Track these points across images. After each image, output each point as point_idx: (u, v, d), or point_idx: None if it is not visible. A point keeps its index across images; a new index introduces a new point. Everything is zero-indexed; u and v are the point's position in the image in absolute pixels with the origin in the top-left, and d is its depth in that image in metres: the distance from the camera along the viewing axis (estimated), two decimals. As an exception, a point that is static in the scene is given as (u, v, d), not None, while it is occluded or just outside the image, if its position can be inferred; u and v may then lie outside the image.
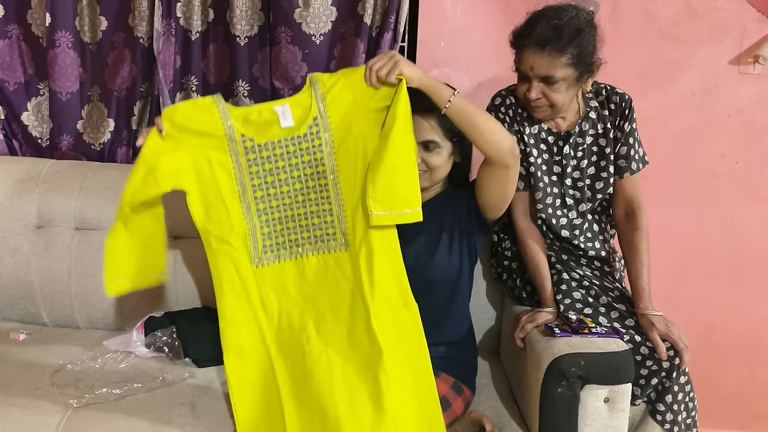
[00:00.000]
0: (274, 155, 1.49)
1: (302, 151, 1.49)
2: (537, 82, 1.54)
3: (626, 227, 1.68)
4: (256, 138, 1.48)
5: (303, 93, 1.50)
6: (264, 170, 1.50)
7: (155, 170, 1.46)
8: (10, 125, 2.12)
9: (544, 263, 1.63)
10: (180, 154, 1.47)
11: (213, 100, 1.49)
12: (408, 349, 1.42)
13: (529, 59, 1.53)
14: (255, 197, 1.50)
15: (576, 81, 1.56)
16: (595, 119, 1.66)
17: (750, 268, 2.20)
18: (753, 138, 2.12)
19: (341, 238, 1.49)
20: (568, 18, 1.51)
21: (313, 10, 1.97)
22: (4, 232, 1.88)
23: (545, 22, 1.50)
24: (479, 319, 1.81)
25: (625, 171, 1.66)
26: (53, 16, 2.00)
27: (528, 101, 1.58)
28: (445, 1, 2.07)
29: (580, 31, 1.51)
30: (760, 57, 2.05)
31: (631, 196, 1.68)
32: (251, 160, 1.49)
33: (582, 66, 1.54)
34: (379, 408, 1.32)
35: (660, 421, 1.58)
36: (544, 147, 1.67)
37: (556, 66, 1.51)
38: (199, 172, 1.49)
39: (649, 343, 1.52)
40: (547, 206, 1.67)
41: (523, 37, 1.54)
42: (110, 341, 1.73)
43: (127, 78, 2.08)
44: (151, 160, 1.47)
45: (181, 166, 1.47)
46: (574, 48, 1.50)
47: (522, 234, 1.66)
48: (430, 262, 1.57)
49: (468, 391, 1.58)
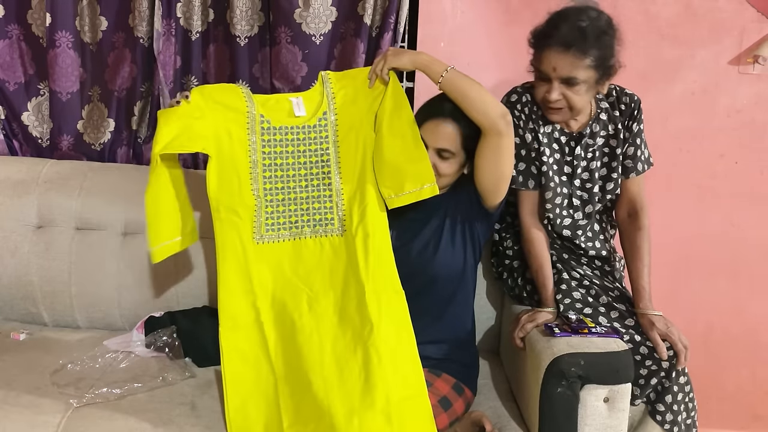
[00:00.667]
0: (286, 139, 1.61)
1: (310, 140, 1.62)
2: (558, 83, 1.54)
3: (629, 227, 1.68)
4: (273, 121, 1.61)
5: (315, 89, 1.67)
6: (275, 152, 1.60)
7: (188, 129, 1.53)
8: (10, 125, 2.12)
9: (547, 263, 1.63)
10: (206, 122, 1.56)
11: (238, 85, 1.64)
12: (396, 329, 1.47)
13: (552, 59, 1.52)
14: (264, 176, 1.58)
15: (595, 83, 1.55)
16: (606, 120, 1.66)
17: (749, 267, 2.20)
18: (752, 138, 2.12)
19: (338, 223, 1.58)
20: (592, 20, 1.50)
21: (313, 10, 1.97)
22: (4, 232, 1.88)
23: (570, 23, 1.50)
24: (479, 319, 1.81)
25: (631, 171, 1.67)
26: (53, 16, 2.00)
27: (547, 102, 1.57)
28: (445, 1, 2.07)
29: (603, 34, 1.51)
30: (760, 57, 2.05)
31: (635, 196, 1.69)
32: (265, 141, 1.60)
33: (603, 68, 1.53)
34: (368, 380, 1.36)
35: (660, 422, 1.58)
36: (557, 147, 1.67)
37: (578, 67, 1.51)
38: (219, 142, 1.57)
39: (648, 342, 1.53)
40: (555, 206, 1.67)
41: (546, 37, 1.53)
42: (110, 341, 1.73)
43: (127, 78, 2.08)
44: (184, 119, 1.53)
45: (206, 132, 1.56)
46: (597, 50, 1.50)
47: (528, 233, 1.66)
48: (433, 256, 1.58)
49: (469, 391, 1.58)
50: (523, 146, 1.65)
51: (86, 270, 1.86)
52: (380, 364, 1.38)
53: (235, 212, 1.55)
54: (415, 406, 1.39)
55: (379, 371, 1.37)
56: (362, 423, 1.30)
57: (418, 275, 1.57)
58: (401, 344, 1.47)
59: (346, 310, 1.49)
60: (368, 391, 1.35)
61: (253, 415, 1.41)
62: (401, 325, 1.49)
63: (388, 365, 1.39)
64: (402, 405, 1.36)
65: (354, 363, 1.40)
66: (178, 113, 1.53)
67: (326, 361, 1.41)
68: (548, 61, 1.53)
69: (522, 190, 1.67)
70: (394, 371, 1.40)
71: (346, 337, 1.45)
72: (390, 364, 1.40)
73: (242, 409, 1.41)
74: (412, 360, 1.46)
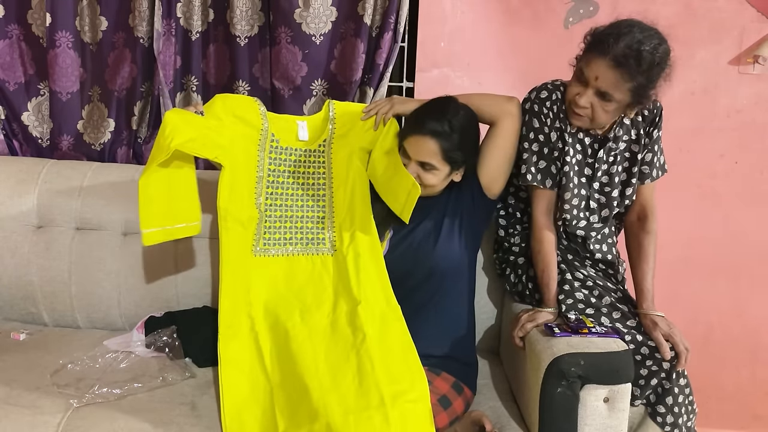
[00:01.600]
0: (290, 160, 1.72)
1: (310, 163, 1.73)
2: (593, 93, 1.52)
3: (637, 230, 1.69)
4: (281, 141, 1.71)
5: (319, 116, 1.77)
6: (279, 170, 1.70)
7: (206, 136, 1.59)
8: (10, 125, 2.12)
9: (554, 264, 1.63)
10: (224, 132, 1.64)
11: (255, 100, 1.72)
12: (391, 338, 1.49)
13: (598, 69, 1.49)
14: (267, 192, 1.65)
15: (626, 107, 1.54)
16: (629, 125, 1.65)
17: (749, 268, 2.20)
18: (752, 138, 2.12)
19: (329, 243, 1.67)
20: (652, 47, 1.47)
21: (313, 10, 1.97)
22: (4, 232, 1.88)
23: (631, 41, 1.46)
24: (479, 319, 1.82)
25: (647, 177, 1.66)
26: (53, 16, 2.00)
27: (574, 104, 1.56)
28: (445, 1, 2.07)
29: (656, 66, 1.48)
30: (760, 57, 2.05)
31: (647, 201, 1.69)
32: (272, 159, 1.69)
33: (640, 96, 1.51)
34: (362, 383, 1.38)
35: (660, 423, 1.58)
36: (580, 147, 1.66)
37: (619, 88, 1.48)
38: (234, 154, 1.64)
39: (650, 343, 1.52)
40: (573, 207, 1.66)
41: (603, 45, 1.48)
42: (110, 341, 1.73)
43: (127, 78, 2.08)
44: (203, 125, 1.60)
45: (223, 142, 1.63)
46: (644, 78, 1.47)
47: (539, 232, 1.65)
48: (433, 247, 1.61)
49: (468, 390, 1.58)
50: (547, 144, 1.64)
51: (86, 270, 1.86)
52: (373, 370, 1.40)
53: (242, 223, 1.62)
54: (416, 410, 1.38)
55: (372, 376, 1.39)
56: (358, 422, 1.30)
57: (419, 268, 1.61)
58: (396, 351, 1.47)
59: (338, 322, 1.53)
60: (363, 394, 1.36)
61: (248, 422, 1.41)
62: (396, 335, 1.51)
63: (381, 370, 1.40)
64: (402, 407, 1.36)
65: (348, 369, 1.42)
66: (198, 118, 1.61)
67: (320, 368, 1.43)
68: (594, 68, 1.49)
69: (539, 188, 1.66)
70: (388, 376, 1.40)
71: (338, 347, 1.48)
72: (383, 369, 1.41)
73: (238, 416, 1.42)
74: (411, 367, 1.45)
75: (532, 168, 1.64)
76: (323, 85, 2.06)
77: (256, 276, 1.60)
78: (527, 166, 1.65)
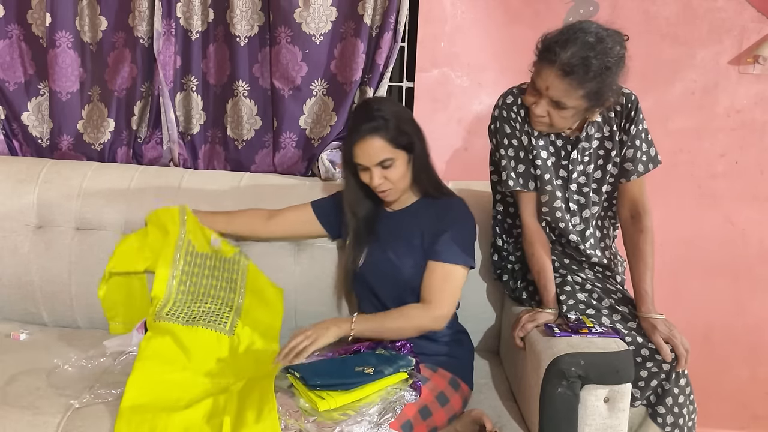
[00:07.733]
0: (204, 264, 1.81)
1: (224, 269, 1.83)
2: (546, 102, 1.50)
3: (631, 229, 1.66)
4: (197, 247, 1.81)
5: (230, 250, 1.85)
6: (193, 272, 1.79)
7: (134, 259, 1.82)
8: (10, 125, 2.12)
9: (549, 265, 1.63)
10: (152, 248, 1.81)
11: (179, 210, 1.80)
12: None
13: (547, 78, 1.46)
14: (179, 289, 1.76)
15: (584, 111, 1.52)
16: (601, 122, 1.62)
17: (749, 268, 2.20)
18: (753, 138, 2.12)
19: (230, 327, 1.72)
20: (601, 52, 1.42)
21: (313, 10, 1.97)
22: (4, 232, 1.88)
23: (578, 49, 1.42)
24: (479, 319, 1.82)
25: (631, 174, 1.63)
26: (53, 16, 2.00)
27: (531, 112, 1.55)
28: (445, 1, 2.07)
29: (607, 70, 1.44)
30: (760, 57, 2.05)
31: (636, 198, 1.65)
32: (187, 261, 1.79)
33: (595, 101, 1.49)
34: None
35: (661, 424, 1.58)
36: (552, 149, 1.65)
37: (571, 96, 1.46)
38: (155, 258, 1.78)
39: (650, 344, 1.52)
40: (554, 210, 1.65)
41: (550, 54, 1.45)
42: (110, 341, 1.73)
43: (127, 78, 2.08)
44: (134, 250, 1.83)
45: (149, 255, 1.80)
46: (595, 84, 1.44)
47: (530, 234, 1.65)
48: (403, 264, 1.60)
49: (465, 386, 1.58)
50: (520, 148, 1.64)
51: (86, 270, 1.86)
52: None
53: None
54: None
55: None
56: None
57: (395, 281, 1.61)
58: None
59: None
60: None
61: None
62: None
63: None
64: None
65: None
66: (134, 246, 1.82)
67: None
68: (544, 78, 1.47)
69: (523, 191, 1.66)
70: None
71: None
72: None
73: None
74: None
75: (512, 173, 1.63)
76: (323, 85, 2.06)
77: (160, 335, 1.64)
78: (507, 172, 1.64)
